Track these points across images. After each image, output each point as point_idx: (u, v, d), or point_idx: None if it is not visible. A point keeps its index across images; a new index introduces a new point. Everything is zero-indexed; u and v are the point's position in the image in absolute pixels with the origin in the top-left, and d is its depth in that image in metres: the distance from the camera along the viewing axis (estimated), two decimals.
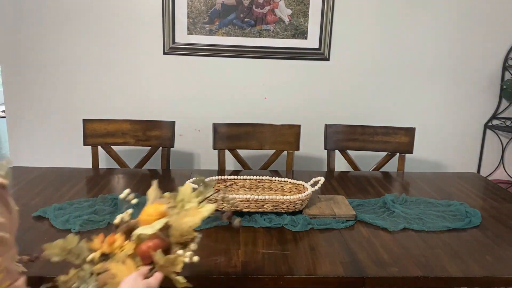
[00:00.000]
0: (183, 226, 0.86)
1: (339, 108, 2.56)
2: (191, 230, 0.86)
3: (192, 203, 0.90)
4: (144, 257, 0.86)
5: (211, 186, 0.97)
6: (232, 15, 2.39)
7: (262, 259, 1.17)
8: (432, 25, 2.48)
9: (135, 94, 2.48)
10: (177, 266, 0.83)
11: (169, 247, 0.87)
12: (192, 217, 0.87)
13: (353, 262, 1.16)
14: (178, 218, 0.87)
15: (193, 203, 0.90)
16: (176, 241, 0.87)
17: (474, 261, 1.19)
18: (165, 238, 0.87)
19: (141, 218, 0.91)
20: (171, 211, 0.88)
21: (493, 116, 2.61)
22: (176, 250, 0.86)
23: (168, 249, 0.87)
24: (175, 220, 0.87)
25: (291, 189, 1.59)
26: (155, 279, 0.81)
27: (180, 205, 0.93)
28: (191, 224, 0.86)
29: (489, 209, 1.57)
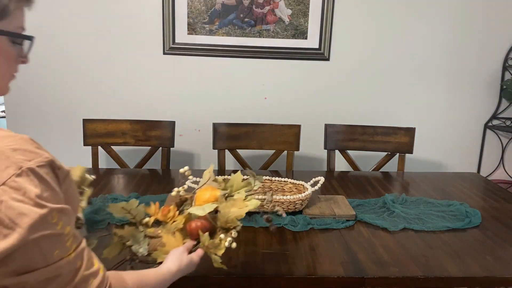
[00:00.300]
0: (229, 214, 0.96)
1: (339, 108, 2.56)
2: (235, 220, 0.96)
3: (241, 194, 1.01)
4: (191, 233, 0.96)
5: (260, 180, 1.09)
6: (232, 15, 2.39)
7: (262, 259, 1.17)
8: (432, 25, 2.48)
9: (135, 94, 2.48)
10: (220, 250, 0.93)
11: (214, 230, 0.98)
12: (238, 208, 0.97)
13: (353, 262, 1.16)
14: (226, 206, 0.97)
15: (241, 194, 1.01)
16: (221, 226, 0.97)
17: (474, 261, 1.19)
18: (212, 221, 0.97)
19: (197, 197, 1.02)
20: (222, 198, 0.99)
21: (493, 116, 2.61)
22: (220, 233, 0.96)
23: (213, 231, 0.98)
24: (224, 207, 0.97)
25: (291, 189, 1.59)
26: (197, 255, 0.91)
27: (229, 190, 1.05)
28: (237, 215, 0.96)
29: (489, 209, 1.57)
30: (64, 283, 0.62)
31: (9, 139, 0.61)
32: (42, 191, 0.60)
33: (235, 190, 1.06)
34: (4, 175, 0.57)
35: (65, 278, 0.62)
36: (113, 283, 0.70)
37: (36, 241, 0.59)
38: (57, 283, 0.61)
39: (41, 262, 0.60)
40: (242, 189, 1.05)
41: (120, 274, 0.74)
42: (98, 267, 0.67)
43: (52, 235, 0.60)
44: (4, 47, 0.67)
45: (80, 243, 0.66)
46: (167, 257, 0.88)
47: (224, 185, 1.07)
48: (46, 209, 0.59)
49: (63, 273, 0.62)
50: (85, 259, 0.65)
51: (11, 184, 0.57)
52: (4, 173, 0.57)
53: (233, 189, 1.06)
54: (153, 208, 1.02)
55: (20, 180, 0.58)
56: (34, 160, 0.60)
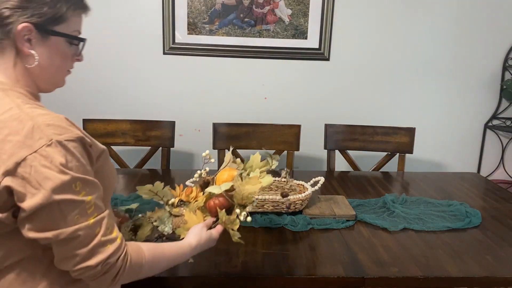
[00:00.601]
0: (244, 192, 1.03)
1: (339, 108, 2.56)
2: (250, 196, 1.03)
3: (256, 172, 1.07)
4: (210, 210, 1.04)
5: (277, 159, 1.17)
6: (232, 15, 2.39)
7: (262, 259, 1.17)
8: (432, 25, 2.48)
9: (135, 94, 2.48)
10: (235, 226, 1.01)
11: (232, 206, 1.05)
12: (252, 185, 1.03)
13: (353, 262, 1.16)
14: (241, 184, 1.04)
15: (255, 173, 1.07)
16: (238, 202, 1.04)
17: (474, 261, 1.19)
18: (229, 199, 1.04)
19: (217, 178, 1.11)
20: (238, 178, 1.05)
21: (493, 116, 2.61)
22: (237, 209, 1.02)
23: (231, 207, 1.05)
24: (239, 185, 1.03)
25: (291, 189, 1.59)
26: (217, 231, 0.99)
27: (249, 170, 1.13)
28: (251, 191, 1.02)
29: (489, 209, 1.57)
30: (82, 244, 0.70)
31: (46, 116, 0.71)
32: (67, 161, 0.69)
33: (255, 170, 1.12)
34: (37, 145, 0.68)
35: (83, 240, 0.70)
36: (130, 250, 0.77)
37: (58, 203, 0.68)
38: (75, 243, 0.70)
39: (61, 223, 0.69)
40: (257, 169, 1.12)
41: (138, 245, 0.81)
42: (117, 235, 0.75)
43: (73, 201, 0.69)
44: (62, 47, 0.80)
45: (102, 213, 0.74)
46: (188, 233, 0.96)
47: (244, 166, 1.15)
48: (68, 176, 0.68)
49: (81, 236, 0.70)
50: (104, 227, 0.73)
51: (41, 152, 0.67)
52: (37, 143, 0.68)
53: (252, 169, 1.13)
54: (178, 190, 1.11)
55: (49, 150, 0.68)
56: (64, 135, 0.70)
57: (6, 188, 0.68)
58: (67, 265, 0.72)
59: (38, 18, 0.75)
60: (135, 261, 0.77)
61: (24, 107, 0.73)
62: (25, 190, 0.67)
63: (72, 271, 0.72)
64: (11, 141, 0.68)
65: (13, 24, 0.74)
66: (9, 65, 0.77)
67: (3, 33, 0.75)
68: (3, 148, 0.68)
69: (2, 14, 0.73)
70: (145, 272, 0.80)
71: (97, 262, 0.71)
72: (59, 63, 0.82)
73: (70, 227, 0.69)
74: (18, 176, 0.67)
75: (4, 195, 0.68)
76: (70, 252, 0.70)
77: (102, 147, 0.80)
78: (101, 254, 0.71)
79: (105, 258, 0.71)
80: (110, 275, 0.73)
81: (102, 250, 0.71)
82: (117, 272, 0.74)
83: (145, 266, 0.79)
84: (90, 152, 0.75)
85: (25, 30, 0.75)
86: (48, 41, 0.78)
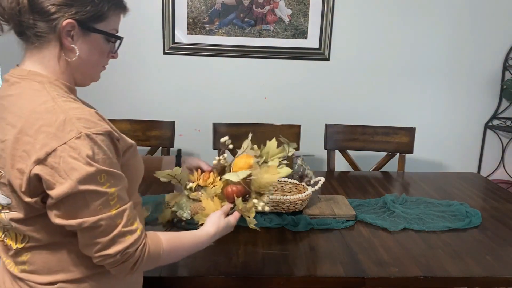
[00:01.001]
0: (262, 180, 1.04)
1: (339, 108, 2.56)
2: (268, 185, 1.04)
3: (274, 162, 1.09)
4: (228, 197, 1.06)
5: (293, 146, 1.18)
6: (232, 15, 2.39)
7: (262, 259, 1.17)
8: (432, 25, 2.48)
9: (135, 94, 2.48)
10: (251, 213, 1.02)
11: (249, 194, 1.06)
12: (271, 175, 1.04)
13: (353, 262, 1.16)
14: (260, 172, 1.05)
15: (275, 162, 1.09)
16: (255, 190, 1.05)
17: (474, 261, 1.19)
18: (246, 186, 1.05)
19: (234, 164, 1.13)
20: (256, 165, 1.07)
21: (493, 116, 2.61)
22: (254, 197, 1.04)
23: (248, 195, 1.06)
24: (257, 173, 1.05)
25: (291, 189, 1.59)
26: (234, 217, 1.01)
27: (265, 156, 1.15)
28: (268, 181, 1.04)
29: (489, 209, 1.57)
30: (103, 233, 0.74)
31: (78, 110, 0.75)
32: (94, 154, 0.72)
33: (271, 156, 1.16)
34: (67, 137, 0.71)
35: (104, 229, 0.74)
36: (149, 241, 0.80)
37: (83, 193, 0.72)
38: (97, 232, 0.74)
39: (85, 212, 0.73)
40: (276, 157, 1.14)
41: (157, 235, 0.84)
42: (137, 227, 0.78)
43: (97, 191, 0.73)
44: (100, 43, 0.85)
45: (125, 204, 0.77)
46: (206, 221, 0.98)
47: (260, 152, 1.17)
48: (93, 168, 0.72)
49: (103, 225, 0.73)
50: (126, 218, 0.76)
51: (71, 144, 0.71)
52: (67, 135, 0.71)
53: (268, 156, 1.15)
54: (196, 175, 1.15)
55: (78, 142, 0.71)
56: (93, 129, 0.73)
57: (36, 176, 0.72)
58: (89, 251, 0.76)
59: (81, 15, 0.79)
60: (153, 251, 0.81)
61: (58, 100, 0.76)
62: (53, 179, 0.71)
63: (93, 257, 0.77)
64: (44, 132, 0.72)
65: (59, 20, 0.78)
66: (52, 59, 0.81)
67: (49, 28, 0.78)
68: (37, 138, 0.72)
69: (49, 10, 0.77)
70: (163, 261, 0.85)
71: (116, 251, 0.75)
72: (96, 59, 0.86)
73: (93, 216, 0.73)
74: (48, 165, 0.71)
75: (34, 181, 0.73)
76: (92, 240, 0.74)
77: (130, 142, 0.84)
78: (120, 244, 0.75)
79: (124, 248, 0.75)
80: (128, 264, 0.77)
81: (121, 240, 0.75)
82: (135, 261, 0.78)
83: (163, 256, 0.83)
84: (117, 146, 0.79)
85: (69, 26, 0.78)
86: (88, 37, 0.82)
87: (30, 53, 0.82)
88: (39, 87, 0.78)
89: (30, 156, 0.72)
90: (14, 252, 0.83)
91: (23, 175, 0.73)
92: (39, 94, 0.77)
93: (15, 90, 0.79)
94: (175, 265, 1.13)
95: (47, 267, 0.81)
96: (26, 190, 0.74)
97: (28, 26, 0.78)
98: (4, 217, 0.80)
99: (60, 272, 0.81)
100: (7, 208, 0.79)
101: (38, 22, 0.78)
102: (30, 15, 0.77)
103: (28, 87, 0.79)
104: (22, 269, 0.83)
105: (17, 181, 0.74)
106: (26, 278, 0.83)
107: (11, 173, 0.74)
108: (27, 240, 0.81)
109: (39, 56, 0.81)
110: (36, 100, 0.76)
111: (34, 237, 0.80)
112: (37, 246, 0.81)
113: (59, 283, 0.81)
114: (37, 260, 0.81)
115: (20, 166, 0.73)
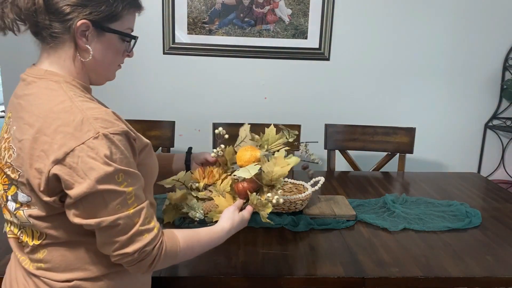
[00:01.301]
0: (273, 174, 1.05)
1: (339, 108, 2.56)
2: (279, 178, 1.04)
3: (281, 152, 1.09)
4: (239, 193, 1.06)
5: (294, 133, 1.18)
6: (232, 15, 2.39)
7: (262, 259, 1.17)
8: (432, 25, 2.48)
9: (135, 94, 2.48)
10: (267, 209, 1.02)
11: (260, 187, 1.06)
12: (281, 167, 1.05)
13: (353, 262, 1.16)
14: (269, 165, 1.05)
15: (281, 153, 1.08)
16: (266, 183, 1.06)
17: (474, 261, 1.19)
18: (258, 181, 1.05)
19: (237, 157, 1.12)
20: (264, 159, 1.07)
21: (493, 116, 2.61)
22: (266, 191, 1.05)
23: (259, 189, 1.06)
24: (267, 167, 1.05)
25: (291, 189, 1.59)
26: (248, 212, 1.02)
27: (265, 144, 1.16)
28: (280, 174, 1.04)
29: (489, 209, 1.57)
30: (121, 232, 0.75)
31: (95, 110, 0.76)
32: (112, 154, 0.73)
33: (271, 143, 1.16)
34: (85, 136, 0.72)
35: (122, 228, 0.75)
36: (166, 239, 0.81)
37: (101, 192, 0.72)
38: (115, 231, 0.75)
39: (103, 211, 0.73)
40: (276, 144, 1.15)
41: (174, 233, 0.85)
42: (154, 225, 0.79)
43: (115, 191, 0.73)
44: (115, 43, 0.85)
45: (142, 203, 0.78)
46: (221, 217, 0.99)
47: (261, 139, 1.17)
48: (111, 168, 0.72)
49: (121, 224, 0.74)
50: (143, 216, 0.77)
51: (89, 144, 0.72)
52: (85, 135, 0.72)
53: (269, 142, 1.16)
54: (198, 173, 1.15)
55: (96, 142, 0.72)
56: (110, 128, 0.74)
57: (54, 176, 0.73)
58: (107, 250, 0.77)
59: (96, 15, 0.79)
60: (169, 249, 0.82)
61: (75, 100, 0.77)
62: (72, 178, 0.72)
63: (111, 256, 0.78)
64: (62, 132, 0.72)
65: (73, 20, 0.78)
66: (67, 59, 0.82)
67: (64, 28, 0.78)
68: (54, 138, 0.72)
69: (63, 11, 0.77)
70: (180, 259, 0.86)
71: (134, 250, 0.76)
72: (111, 58, 0.87)
73: (111, 216, 0.74)
74: (66, 165, 0.72)
75: (53, 181, 0.73)
76: (110, 239, 0.75)
77: (146, 141, 0.86)
78: (138, 243, 0.76)
79: (142, 247, 0.76)
80: (146, 262, 0.78)
81: (139, 238, 0.76)
82: (153, 259, 0.79)
83: (179, 254, 0.84)
84: (134, 145, 0.80)
85: (83, 26, 0.79)
86: (102, 37, 0.82)
87: (46, 53, 0.82)
88: (56, 86, 0.79)
89: (48, 156, 0.72)
90: (31, 249, 0.83)
91: (42, 175, 0.73)
92: (56, 94, 0.77)
93: (32, 90, 0.80)
94: (175, 265, 1.13)
95: (64, 264, 0.82)
96: (45, 190, 0.74)
97: (44, 26, 0.78)
98: (23, 214, 0.81)
99: (76, 270, 0.82)
100: (26, 206, 0.80)
101: (54, 22, 0.78)
102: (46, 16, 0.77)
103: (44, 86, 0.79)
104: (38, 266, 0.83)
105: (36, 181, 0.74)
106: (41, 275, 0.83)
107: (30, 172, 0.75)
108: (44, 237, 0.82)
109: (55, 56, 0.82)
110: (53, 100, 0.76)
111: (52, 235, 0.81)
112: (54, 243, 0.82)
113: (75, 281, 0.82)
114: (54, 257, 0.82)
115: (38, 166, 0.73)
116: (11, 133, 0.80)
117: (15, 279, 0.88)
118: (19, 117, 0.79)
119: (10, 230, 0.88)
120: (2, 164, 0.81)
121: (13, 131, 0.79)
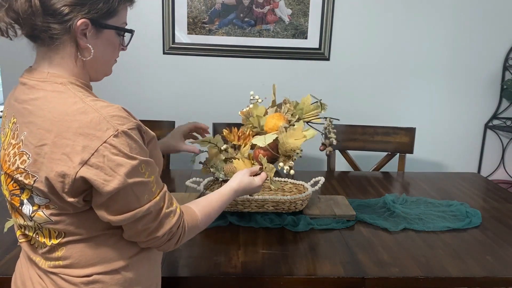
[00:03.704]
0: (288, 145, 1.08)
1: (339, 108, 2.56)
2: (293, 150, 1.08)
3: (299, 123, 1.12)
4: (257, 159, 1.12)
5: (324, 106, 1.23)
6: (232, 15, 2.39)
7: (262, 259, 1.17)
8: (432, 25, 2.48)
9: (135, 94, 2.48)
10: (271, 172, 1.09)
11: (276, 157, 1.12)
12: (295, 139, 1.08)
13: (353, 262, 1.16)
14: (285, 136, 1.08)
15: (300, 124, 1.12)
16: (282, 153, 1.11)
17: (474, 261, 1.19)
18: (273, 150, 1.11)
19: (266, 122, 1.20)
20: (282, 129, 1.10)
21: (493, 116, 2.61)
22: (281, 160, 1.11)
23: (275, 158, 1.12)
24: (283, 137, 1.08)
25: (291, 189, 1.59)
26: (260, 178, 1.08)
27: (299, 113, 1.19)
28: (293, 146, 1.08)
29: (489, 209, 1.57)
30: (152, 219, 0.80)
31: (108, 108, 0.77)
32: (132, 148, 0.76)
33: (305, 113, 1.19)
34: (105, 135, 0.74)
35: (153, 215, 0.80)
36: (186, 216, 0.87)
37: (131, 186, 0.75)
38: (147, 220, 0.79)
39: (135, 204, 0.77)
40: (311, 114, 1.19)
41: (191, 208, 0.92)
42: (176, 206, 0.85)
43: (142, 182, 0.77)
44: (112, 38, 0.86)
45: (163, 188, 0.83)
46: (232, 177, 1.06)
47: (294, 109, 1.19)
48: (136, 161, 0.76)
49: (152, 212, 0.79)
50: (167, 200, 0.83)
51: (111, 142, 0.74)
52: (105, 133, 0.74)
53: (302, 112, 1.19)
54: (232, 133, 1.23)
55: (116, 139, 0.74)
56: (126, 124, 0.76)
57: (81, 178, 0.74)
58: (139, 237, 0.82)
59: (94, 13, 0.80)
60: (191, 224, 0.88)
61: (87, 100, 0.77)
62: (101, 178, 0.73)
63: (142, 242, 0.83)
64: (82, 133, 0.74)
65: (73, 20, 0.78)
66: (68, 59, 0.82)
67: (63, 29, 0.78)
68: (75, 140, 0.74)
69: (62, 11, 0.77)
70: (201, 228, 0.93)
71: (164, 233, 0.81)
72: (110, 54, 0.88)
73: (144, 206, 0.78)
74: (93, 166, 0.73)
75: (79, 183, 0.75)
76: (142, 227, 0.80)
77: (152, 133, 0.87)
78: (166, 225, 0.82)
79: (169, 228, 0.82)
80: (173, 241, 0.84)
81: (167, 221, 0.82)
82: (178, 237, 0.85)
83: (200, 225, 0.91)
84: (144, 137, 0.82)
85: (83, 25, 0.79)
86: (101, 34, 0.83)
87: (45, 55, 0.82)
88: (63, 88, 0.79)
89: (71, 158, 0.73)
90: (48, 249, 0.84)
91: (66, 178, 0.74)
92: (66, 96, 0.77)
93: (38, 93, 0.79)
94: (175, 265, 1.13)
95: (84, 260, 0.83)
96: (69, 191, 0.75)
97: (42, 29, 0.78)
98: (43, 214, 0.81)
99: (96, 264, 0.83)
100: (44, 207, 0.80)
101: (52, 24, 0.77)
102: (44, 18, 0.77)
103: (51, 89, 0.79)
104: (55, 264, 0.84)
105: (59, 184, 0.75)
106: (59, 272, 0.84)
107: (51, 176, 0.75)
108: (62, 236, 0.82)
109: (56, 58, 0.81)
110: (64, 102, 0.77)
111: (72, 232, 0.82)
112: (74, 240, 0.82)
113: (95, 275, 0.83)
114: (73, 254, 0.83)
115: (61, 169, 0.74)
116: (21, 138, 0.79)
117: (29, 278, 0.87)
118: (29, 122, 0.78)
119: (23, 234, 0.88)
120: (11, 170, 0.80)
121: (23, 137, 0.79)
